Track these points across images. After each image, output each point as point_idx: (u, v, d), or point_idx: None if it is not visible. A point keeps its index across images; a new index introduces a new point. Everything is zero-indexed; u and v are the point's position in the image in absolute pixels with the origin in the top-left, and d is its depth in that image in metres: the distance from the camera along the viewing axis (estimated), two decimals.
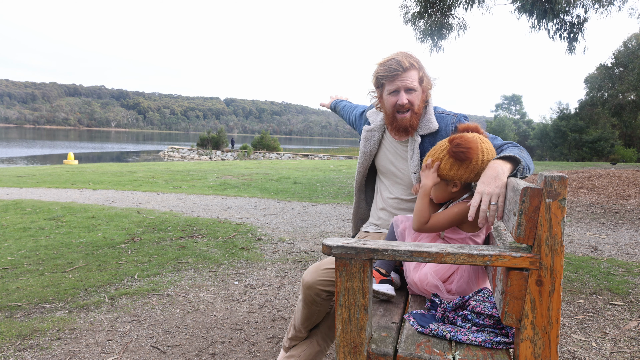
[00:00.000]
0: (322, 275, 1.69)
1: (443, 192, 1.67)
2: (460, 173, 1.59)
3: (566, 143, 40.30)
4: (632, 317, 2.85)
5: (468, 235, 1.63)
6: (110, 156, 43.26)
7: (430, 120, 1.86)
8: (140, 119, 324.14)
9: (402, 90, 1.78)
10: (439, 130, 1.85)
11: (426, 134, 1.86)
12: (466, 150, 1.54)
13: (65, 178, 11.06)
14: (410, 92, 1.79)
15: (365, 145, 2.00)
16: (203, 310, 2.96)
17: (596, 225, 5.86)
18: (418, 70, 1.80)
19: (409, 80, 1.77)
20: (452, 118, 1.87)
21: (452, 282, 1.58)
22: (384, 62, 1.80)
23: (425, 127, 1.86)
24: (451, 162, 1.59)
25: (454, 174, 1.60)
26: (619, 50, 27.82)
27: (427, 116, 1.87)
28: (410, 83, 1.78)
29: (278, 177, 12.05)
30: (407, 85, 1.78)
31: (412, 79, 1.78)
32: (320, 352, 1.91)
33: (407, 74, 1.77)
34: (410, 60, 1.78)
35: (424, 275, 1.60)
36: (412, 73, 1.78)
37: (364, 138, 2.01)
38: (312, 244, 4.77)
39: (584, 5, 10.36)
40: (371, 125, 2.01)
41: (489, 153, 1.58)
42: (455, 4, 11.05)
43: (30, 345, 2.43)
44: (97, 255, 4.16)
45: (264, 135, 47.18)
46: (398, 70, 1.76)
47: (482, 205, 1.40)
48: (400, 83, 1.77)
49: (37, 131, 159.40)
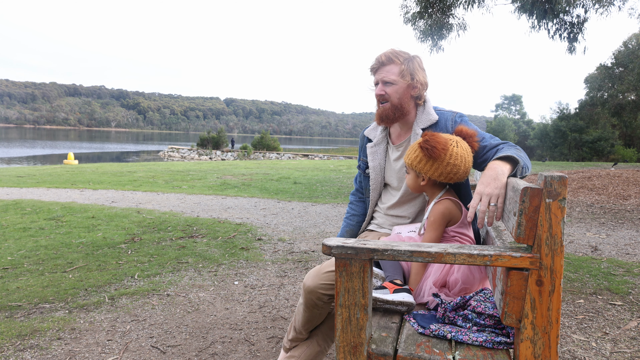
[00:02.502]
0: (323, 279, 1.70)
1: (414, 183, 1.75)
2: (425, 168, 1.65)
3: (566, 143, 40.31)
4: (632, 317, 2.85)
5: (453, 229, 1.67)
6: (110, 156, 43.26)
7: (430, 113, 1.92)
8: (140, 119, 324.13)
9: (380, 82, 1.88)
10: (438, 123, 1.90)
11: (426, 127, 1.91)
12: (431, 148, 1.60)
13: (65, 178, 11.06)
14: (387, 85, 1.87)
15: (373, 161, 2.03)
16: (203, 310, 2.96)
17: (596, 225, 5.86)
18: (399, 65, 1.86)
19: (385, 74, 1.87)
20: (451, 114, 1.93)
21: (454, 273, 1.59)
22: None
23: (426, 120, 1.92)
24: (421, 156, 1.65)
25: (421, 168, 1.67)
26: (619, 50, 27.82)
27: (427, 110, 1.94)
28: (387, 77, 1.86)
29: (278, 177, 12.05)
30: (384, 79, 1.87)
31: (390, 72, 1.86)
32: (321, 352, 1.91)
33: (384, 68, 1.87)
34: (390, 56, 1.86)
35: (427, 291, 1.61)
36: (390, 67, 1.86)
37: (370, 154, 2.05)
38: (312, 244, 4.77)
39: (584, 5, 10.36)
40: (373, 141, 2.06)
41: (459, 159, 1.62)
42: (455, 4, 11.05)
43: (30, 345, 2.43)
44: (97, 255, 4.16)
45: (264, 135, 47.18)
46: (375, 66, 1.89)
47: (482, 206, 1.41)
48: (378, 76, 1.89)
49: (37, 131, 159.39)
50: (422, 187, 1.74)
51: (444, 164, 1.62)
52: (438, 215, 1.66)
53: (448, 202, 1.68)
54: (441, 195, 1.71)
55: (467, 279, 1.57)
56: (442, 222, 1.66)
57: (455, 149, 1.63)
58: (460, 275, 1.57)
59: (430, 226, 1.67)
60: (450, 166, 1.62)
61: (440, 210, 1.66)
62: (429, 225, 1.67)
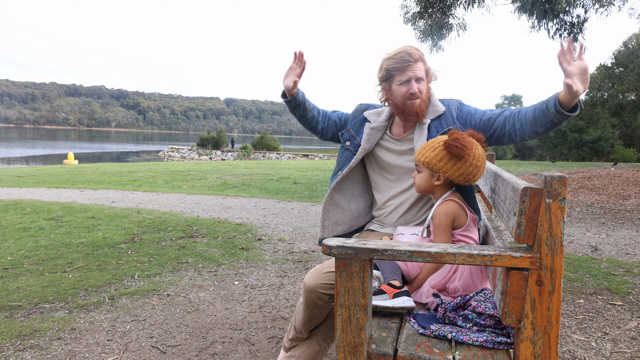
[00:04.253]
0: (324, 278, 1.70)
1: (426, 182, 1.71)
2: (446, 167, 1.63)
3: (566, 143, 40.31)
4: (632, 317, 2.85)
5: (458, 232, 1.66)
6: (110, 156, 43.26)
7: (437, 105, 1.96)
8: (140, 119, 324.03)
9: (412, 79, 1.87)
10: (444, 113, 1.95)
11: (435, 117, 1.95)
12: (462, 147, 1.59)
13: (65, 178, 11.06)
14: (420, 82, 1.89)
15: (367, 142, 2.03)
16: (203, 310, 2.96)
17: (596, 225, 5.86)
18: (424, 62, 1.92)
19: (418, 70, 1.88)
20: (452, 101, 1.99)
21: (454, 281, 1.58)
22: (393, 55, 1.89)
23: (433, 111, 1.95)
24: (443, 154, 1.63)
25: (440, 167, 1.64)
26: (619, 50, 27.81)
27: (433, 102, 1.98)
28: (420, 73, 1.88)
29: (278, 177, 12.05)
30: (417, 75, 1.87)
31: (421, 69, 1.89)
32: (321, 352, 1.91)
33: (417, 64, 1.87)
34: (418, 53, 1.89)
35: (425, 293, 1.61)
36: (420, 64, 1.89)
37: (366, 135, 2.04)
38: (312, 244, 4.77)
39: (584, 5, 10.36)
40: (373, 124, 2.04)
41: (480, 161, 1.63)
42: (455, 4, 11.05)
43: (30, 345, 2.43)
44: (97, 255, 4.16)
45: (264, 135, 47.18)
46: (410, 61, 1.86)
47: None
48: (412, 73, 1.87)
49: (37, 131, 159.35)
50: (433, 188, 1.71)
51: (466, 165, 1.60)
52: (443, 217, 1.63)
53: (451, 204, 1.66)
54: (446, 196, 1.69)
55: (467, 287, 1.56)
56: (449, 224, 1.64)
57: (478, 150, 1.63)
58: (461, 285, 1.56)
59: (437, 229, 1.65)
60: (472, 167, 1.61)
61: (443, 211, 1.64)
62: (436, 228, 1.65)
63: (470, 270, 1.57)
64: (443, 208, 1.65)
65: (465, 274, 1.57)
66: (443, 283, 1.59)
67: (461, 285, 1.56)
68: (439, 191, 1.72)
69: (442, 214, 1.64)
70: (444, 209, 1.65)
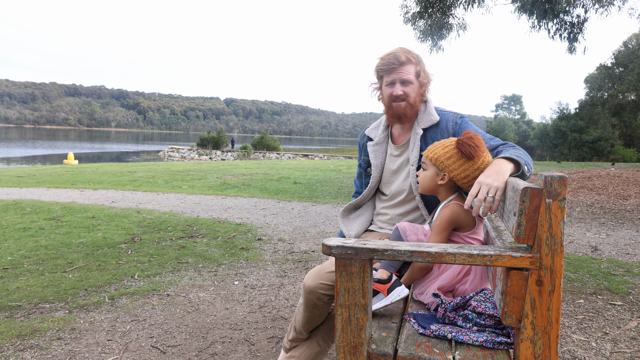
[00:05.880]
0: (324, 279, 1.70)
1: (430, 181, 1.68)
2: (454, 166, 1.60)
3: (566, 143, 40.32)
4: (632, 317, 2.85)
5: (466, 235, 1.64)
6: (110, 156, 43.25)
7: (431, 114, 1.94)
8: (140, 119, 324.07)
9: (397, 82, 1.87)
10: (439, 123, 1.92)
11: (428, 127, 1.93)
12: (474, 147, 1.57)
13: (65, 178, 11.06)
14: (406, 84, 1.88)
15: (375, 159, 2.04)
16: (203, 310, 2.96)
17: (596, 225, 5.86)
18: (415, 65, 1.89)
19: (405, 73, 1.87)
20: (452, 115, 1.94)
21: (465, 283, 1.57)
22: (384, 56, 1.90)
23: (427, 120, 1.93)
24: (453, 152, 1.61)
25: (448, 165, 1.61)
26: (619, 50, 27.83)
27: (428, 110, 1.95)
28: (406, 76, 1.87)
29: (278, 177, 12.05)
30: (402, 78, 1.87)
31: (408, 72, 1.87)
32: (321, 352, 1.91)
33: (403, 67, 1.86)
34: (407, 55, 1.87)
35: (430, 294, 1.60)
36: (408, 67, 1.87)
37: (371, 152, 2.06)
38: (312, 244, 4.77)
39: (584, 5, 10.36)
40: (375, 140, 2.07)
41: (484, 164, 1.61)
42: (455, 4, 11.05)
43: (30, 345, 2.43)
44: (97, 255, 4.16)
45: (264, 135, 47.17)
46: (394, 64, 1.86)
47: (480, 195, 1.41)
48: (397, 75, 1.87)
49: (37, 131, 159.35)
50: (436, 187, 1.68)
51: (474, 167, 1.58)
52: (444, 219, 1.61)
53: (456, 207, 1.62)
54: (451, 199, 1.66)
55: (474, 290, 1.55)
56: (448, 226, 1.61)
57: (488, 157, 1.61)
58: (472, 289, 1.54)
59: (435, 229, 1.63)
60: (478, 171, 1.57)
61: (447, 214, 1.61)
62: (434, 228, 1.63)
63: (481, 274, 1.57)
64: (447, 211, 1.62)
65: (476, 278, 1.56)
66: (452, 285, 1.58)
67: (472, 289, 1.55)
68: (443, 192, 1.68)
69: (445, 216, 1.61)
70: (447, 211, 1.61)
